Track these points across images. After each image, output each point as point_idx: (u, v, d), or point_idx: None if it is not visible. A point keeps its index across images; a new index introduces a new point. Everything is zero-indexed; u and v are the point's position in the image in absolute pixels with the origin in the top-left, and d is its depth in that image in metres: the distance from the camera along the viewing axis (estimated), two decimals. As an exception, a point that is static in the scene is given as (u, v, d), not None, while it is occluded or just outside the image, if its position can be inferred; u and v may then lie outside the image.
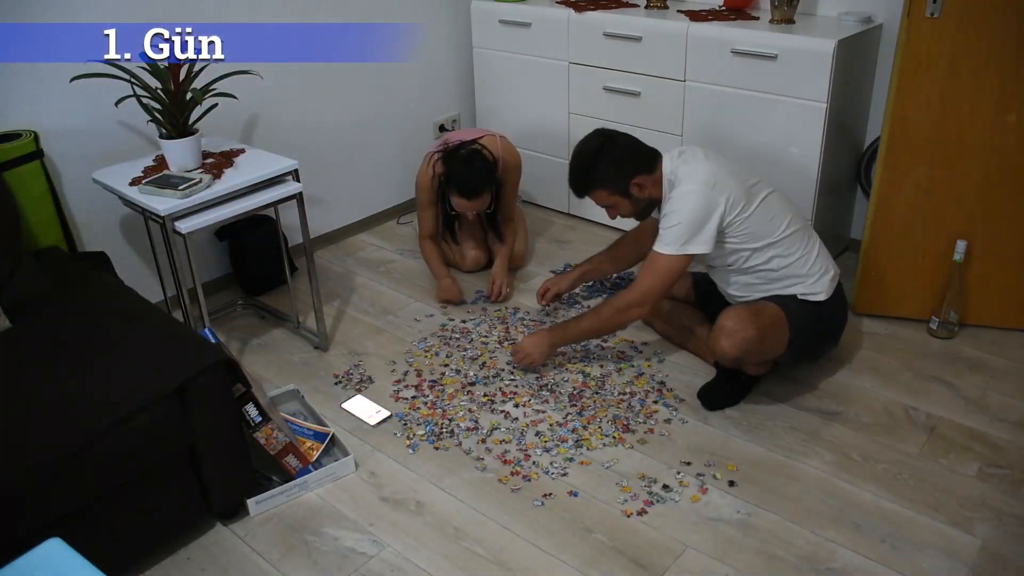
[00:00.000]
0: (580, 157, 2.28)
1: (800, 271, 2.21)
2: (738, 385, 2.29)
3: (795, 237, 2.20)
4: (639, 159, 2.24)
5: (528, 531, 1.89)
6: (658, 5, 3.06)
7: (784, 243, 2.19)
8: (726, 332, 2.12)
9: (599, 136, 2.29)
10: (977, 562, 1.76)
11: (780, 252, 2.19)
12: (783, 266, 2.20)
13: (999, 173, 2.35)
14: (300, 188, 2.37)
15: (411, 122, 3.50)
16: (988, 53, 2.22)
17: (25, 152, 2.24)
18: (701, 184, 2.11)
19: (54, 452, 1.57)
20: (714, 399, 2.28)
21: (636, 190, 2.23)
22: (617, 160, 2.23)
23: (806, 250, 2.22)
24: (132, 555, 1.81)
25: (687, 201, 2.11)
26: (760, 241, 2.17)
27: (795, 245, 2.20)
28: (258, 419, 1.91)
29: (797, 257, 2.20)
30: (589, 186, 2.28)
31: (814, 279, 2.21)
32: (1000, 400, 2.27)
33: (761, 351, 2.16)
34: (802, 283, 2.21)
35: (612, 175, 2.23)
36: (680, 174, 2.18)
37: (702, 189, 2.11)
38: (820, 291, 2.21)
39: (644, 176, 2.22)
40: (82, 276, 2.15)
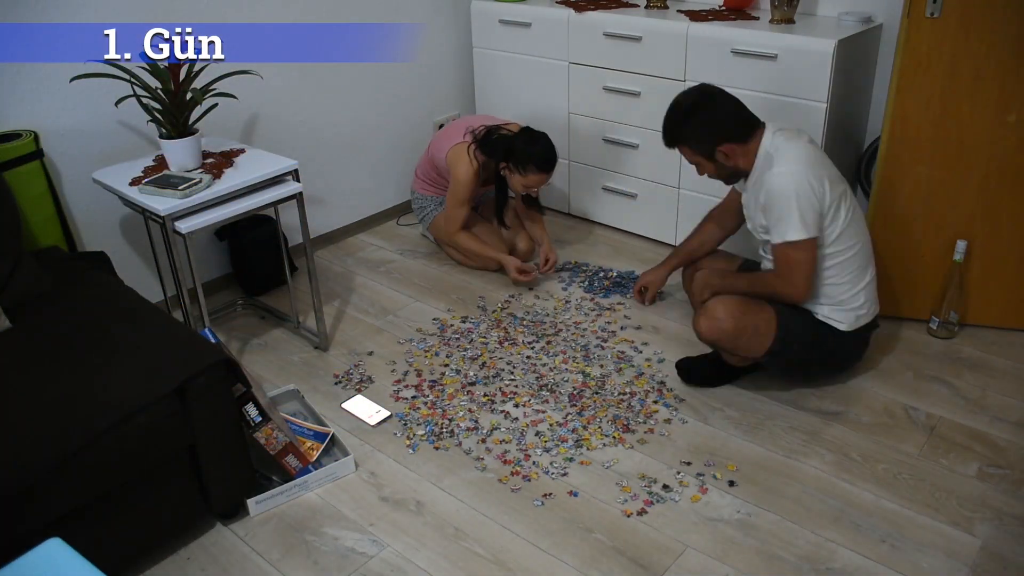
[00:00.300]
0: (675, 108, 2.20)
1: (840, 295, 2.17)
2: (720, 369, 2.32)
3: (856, 259, 2.16)
4: (734, 126, 2.14)
5: (528, 531, 1.89)
6: (658, 5, 3.06)
7: (846, 262, 2.14)
8: (707, 314, 2.15)
9: (700, 92, 2.20)
10: (977, 562, 1.76)
11: (835, 267, 2.14)
12: (827, 281, 2.15)
13: (999, 173, 2.35)
14: (300, 188, 2.37)
15: (411, 122, 3.50)
16: (988, 53, 2.22)
17: (25, 152, 2.24)
18: (806, 165, 2.04)
19: (54, 452, 1.57)
20: (691, 373, 2.35)
21: (722, 156, 2.15)
22: (710, 121, 2.14)
23: (858, 278, 2.17)
24: (132, 555, 1.81)
25: (791, 181, 2.03)
26: (828, 248, 2.12)
27: (851, 267, 2.15)
28: (258, 419, 1.91)
29: (846, 280, 2.16)
30: (676, 140, 2.21)
31: (846, 309, 2.17)
32: (1000, 400, 2.27)
33: (734, 347, 2.18)
34: (832, 306, 2.18)
35: (701, 135, 2.15)
36: (781, 151, 2.09)
37: (807, 170, 2.03)
38: (844, 322, 2.18)
39: (734, 145, 2.14)
40: (82, 276, 2.15)
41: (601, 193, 3.31)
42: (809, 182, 2.03)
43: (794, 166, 2.04)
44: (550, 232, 3.20)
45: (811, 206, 2.03)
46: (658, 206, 3.14)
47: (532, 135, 2.81)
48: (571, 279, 2.98)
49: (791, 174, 2.04)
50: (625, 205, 3.25)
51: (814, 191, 2.03)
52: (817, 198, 2.04)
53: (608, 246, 3.23)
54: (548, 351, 2.55)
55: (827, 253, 2.13)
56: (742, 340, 2.15)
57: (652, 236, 3.23)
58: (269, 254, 2.89)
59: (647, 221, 3.22)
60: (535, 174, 2.79)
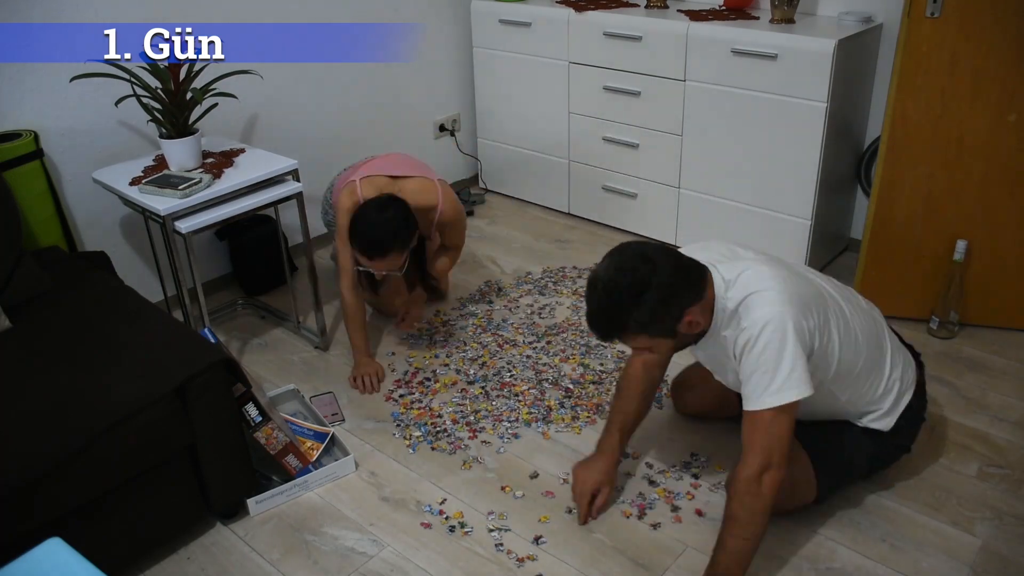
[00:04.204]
0: (612, 292, 1.59)
1: (869, 400, 1.82)
2: None
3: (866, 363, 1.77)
4: (688, 285, 1.62)
5: (528, 531, 1.89)
6: (658, 5, 3.06)
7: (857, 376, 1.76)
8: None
9: (638, 261, 1.60)
10: (977, 562, 1.76)
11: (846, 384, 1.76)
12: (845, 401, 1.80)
13: (999, 173, 2.35)
14: (300, 188, 2.37)
15: (411, 122, 3.50)
16: (988, 53, 2.22)
17: (25, 152, 2.24)
18: (779, 303, 1.58)
19: (54, 452, 1.57)
20: None
21: (686, 327, 1.63)
22: (665, 295, 1.58)
23: (876, 376, 1.80)
24: (132, 555, 1.81)
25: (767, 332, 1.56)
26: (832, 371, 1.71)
27: (865, 373, 1.77)
28: (258, 419, 1.91)
29: (867, 386, 1.80)
30: (623, 331, 1.64)
31: (882, 410, 1.83)
32: (1000, 400, 2.27)
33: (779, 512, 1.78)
34: (866, 413, 1.84)
35: (658, 316, 1.60)
36: (739, 287, 1.63)
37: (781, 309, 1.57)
38: (885, 424, 1.84)
39: (695, 306, 1.62)
40: (82, 276, 2.15)
41: (601, 193, 3.31)
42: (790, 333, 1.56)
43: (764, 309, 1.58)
44: (550, 233, 3.20)
45: (804, 353, 1.58)
46: (658, 206, 3.14)
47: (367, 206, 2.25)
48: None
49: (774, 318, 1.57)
50: (625, 205, 3.25)
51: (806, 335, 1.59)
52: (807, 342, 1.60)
53: (608, 246, 3.20)
54: (548, 351, 2.56)
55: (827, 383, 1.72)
56: (785, 504, 1.78)
57: (652, 236, 3.23)
58: (269, 254, 2.89)
59: (647, 221, 3.22)
60: (359, 254, 2.26)
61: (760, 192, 2.84)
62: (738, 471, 1.61)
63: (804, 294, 1.64)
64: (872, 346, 1.78)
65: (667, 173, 3.05)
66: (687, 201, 3.05)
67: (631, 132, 3.09)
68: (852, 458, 1.86)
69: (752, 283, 1.62)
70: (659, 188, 3.11)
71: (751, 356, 1.58)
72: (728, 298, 1.64)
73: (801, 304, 1.60)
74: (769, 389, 1.57)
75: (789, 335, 1.56)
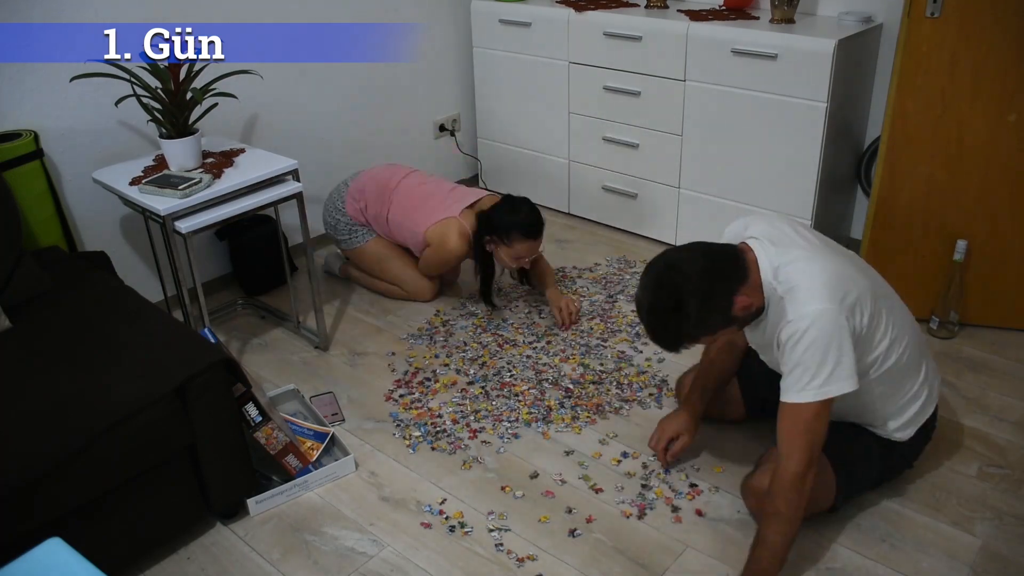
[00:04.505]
0: (654, 313, 1.64)
1: (896, 408, 1.79)
2: None
3: (910, 358, 1.74)
4: (725, 276, 1.62)
5: (528, 531, 1.89)
6: (658, 5, 3.06)
7: (898, 370, 1.72)
8: (757, 495, 1.79)
9: (666, 274, 1.62)
10: (977, 562, 1.76)
11: (886, 380, 1.72)
12: (877, 399, 1.76)
13: (999, 173, 2.35)
14: (300, 188, 2.37)
15: (411, 122, 3.50)
16: (988, 53, 2.22)
17: (25, 152, 2.24)
18: (827, 299, 1.56)
19: (54, 452, 1.57)
20: None
21: (741, 311, 1.63)
22: (704, 297, 1.59)
23: (912, 378, 1.77)
24: (132, 555, 1.81)
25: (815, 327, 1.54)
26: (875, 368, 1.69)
27: (905, 370, 1.74)
28: (258, 419, 1.91)
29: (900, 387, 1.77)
30: (683, 342, 1.69)
31: (908, 416, 1.80)
32: (1000, 400, 2.27)
33: None
34: (892, 417, 1.80)
35: (707, 317, 1.62)
36: (787, 276, 1.61)
37: (829, 306, 1.55)
38: (906, 434, 1.82)
39: (742, 290, 1.62)
40: (82, 276, 2.15)
41: (601, 193, 3.31)
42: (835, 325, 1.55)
43: (814, 305, 1.55)
44: (550, 233, 3.19)
45: (837, 358, 1.55)
46: (658, 206, 3.14)
47: (512, 203, 2.60)
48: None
49: (823, 315, 1.55)
50: (625, 205, 3.25)
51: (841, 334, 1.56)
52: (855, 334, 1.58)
53: (608, 246, 3.23)
54: (548, 351, 2.56)
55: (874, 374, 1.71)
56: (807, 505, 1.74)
57: (652, 236, 3.23)
58: (269, 254, 2.89)
59: (647, 221, 3.22)
60: (521, 242, 2.54)
61: (760, 192, 2.84)
62: (783, 468, 1.61)
63: (855, 288, 1.61)
64: (916, 346, 1.77)
65: (667, 173, 3.06)
66: (687, 201, 3.05)
67: (631, 132, 3.10)
68: (868, 468, 1.85)
69: (801, 277, 1.60)
70: (659, 188, 3.11)
71: (796, 351, 1.57)
72: (777, 283, 1.62)
73: (850, 301, 1.59)
74: (812, 384, 1.56)
75: (836, 331, 1.54)
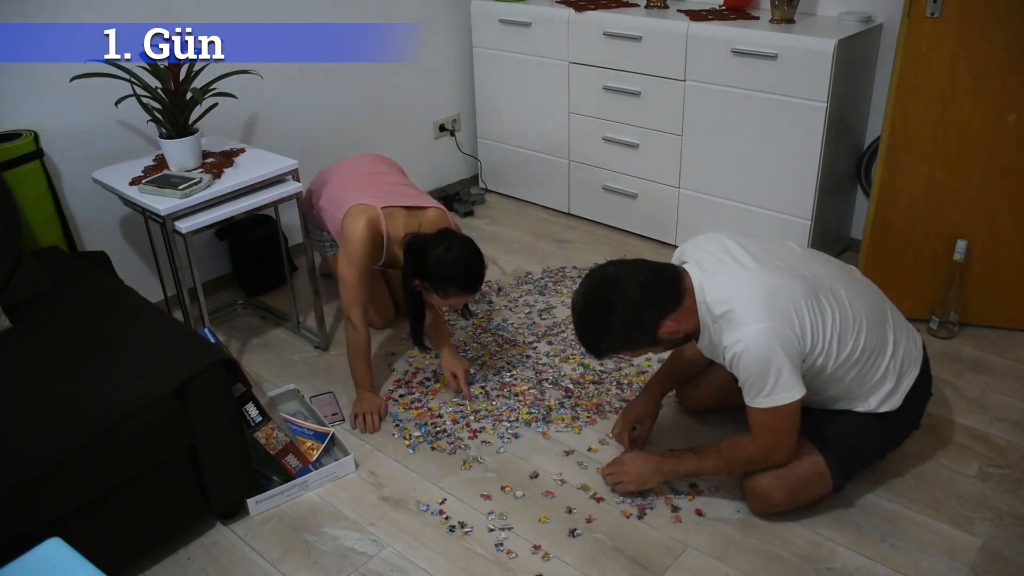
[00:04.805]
0: (583, 319, 1.73)
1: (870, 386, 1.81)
2: None
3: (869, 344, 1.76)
4: (657, 299, 1.68)
5: (528, 531, 1.89)
6: (658, 5, 3.06)
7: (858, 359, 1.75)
8: (755, 495, 1.85)
9: (599, 284, 1.70)
10: (977, 562, 1.76)
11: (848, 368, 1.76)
12: (851, 383, 1.79)
13: (999, 173, 2.35)
14: (300, 188, 2.37)
15: (411, 122, 3.50)
16: (988, 53, 2.22)
17: (25, 152, 2.24)
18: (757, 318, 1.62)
19: (54, 452, 1.57)
20: None
21: (668, 334, 1.71)
22: (631, 314, 1.66)
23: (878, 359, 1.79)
24: (132, 555, 1.81)
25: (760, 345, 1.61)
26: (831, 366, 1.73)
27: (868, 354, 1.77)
28: (258, 419, 1.91)
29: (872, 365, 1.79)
30: (603, 352, 1.78)
31: (887, 389, 1.81)
32: (1000, 400, 2.27)
33: (798, 507, 1.86)
34: (872, 393, 1.82)
35: (630, 334, 1.70)
36: (718, 300, 1.67)
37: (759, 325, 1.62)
38: (892, 404, 1.82)
39: (671, 315, 1.68)
40: (82, 276, 2.15)
41: (601, 193, 3.31)
42: (783, 333, 1.62)
43: (755, 324, 1.62)
44: (550, 233, 3.20)
45: (791, 360, 1.63)
46: (658, 206, 3.14)
47: (450, 245, 2.13)
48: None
49: (756, 335, 1.61)
50: (625, 205, 3.25)
51: (794, 340, 1.63)
52: (797, 346, 1.64)
53: (608, 246, 3.23)
54: (548, 351, 2.56)
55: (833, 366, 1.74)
56: (801, 499, 1.84)
57: (652, 236, 3.23)
58: (269, 254, 2.89)
59: (647, 221, 3.22)
60: (459, 296, 2.18)
61: (760, 192, 2.84)
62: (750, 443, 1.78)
63: (789, 299, 1.66)
64: (875, 325, 1.79)
65: (667, 173, 3.05)
66: (687, 201, 3.05)
67: (631, 132, 3.10)
68: (862, 443, 1.86)
69: (731, 296, 1.66)
70: (659, 188, 3.11)
71: (740, 369, 1.67)
72: (708, 303, 1.69)
73: (784, 314, 1.64)
74: (760, 395, 1.68)
75: (773, 350, 1.62)
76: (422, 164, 3.55)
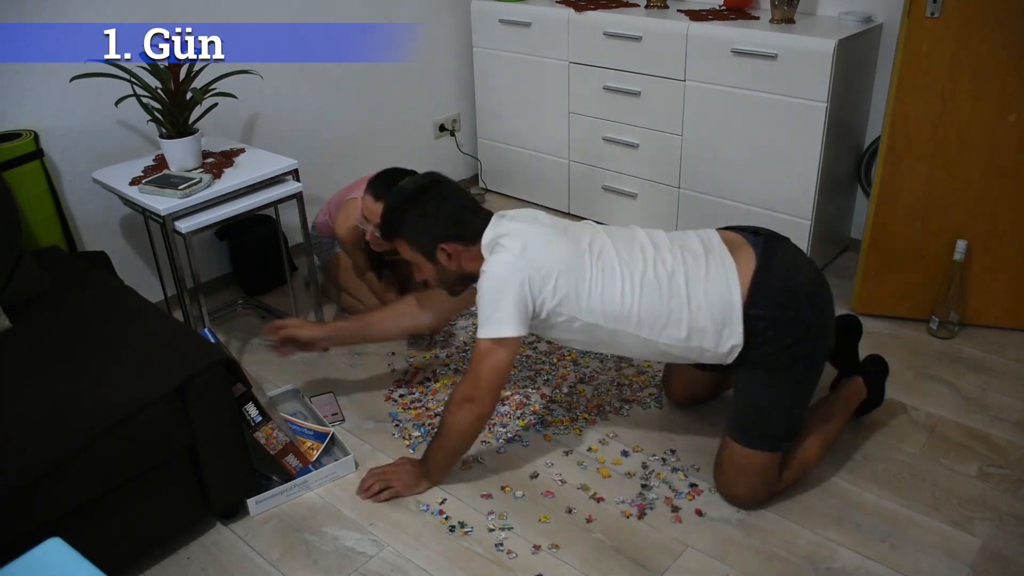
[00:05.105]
0: (397, 194, 1.91)
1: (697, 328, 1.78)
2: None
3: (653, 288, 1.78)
4: (453, 222, 1.85)
5: (528, 531, 1.89)
6: (658, 5, 3.06)
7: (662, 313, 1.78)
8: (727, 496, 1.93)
9: (427, 179, 1.91)
10: (977, 562, 1.76)
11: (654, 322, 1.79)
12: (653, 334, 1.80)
13: (999, 173, 2.35)
14: (300, 188, 2.37)
15: (411, 122, 3.50)
16: (988, 53, 2.22)
17: (25, 152, 2.25)
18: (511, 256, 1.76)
19: (54, 452, 1.57)
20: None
21: (443, 257, 1.86)
22: (429, 213, 1.85)
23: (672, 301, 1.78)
24: (132, 555, 1.81)
25: (488, 272, 1.77)
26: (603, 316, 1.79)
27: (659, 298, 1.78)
28: (258, 419, 1.91)
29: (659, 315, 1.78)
30: (394, 231, 1.90)
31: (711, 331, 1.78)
32: (1000, 400, 2.27)
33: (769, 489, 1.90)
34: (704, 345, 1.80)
35: (419, 229, 1.86)
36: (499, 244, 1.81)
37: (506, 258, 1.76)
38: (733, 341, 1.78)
39: (456, 244, 1.85)
40: (82, 276, 2.15)
41: (601, 193, 3.31)
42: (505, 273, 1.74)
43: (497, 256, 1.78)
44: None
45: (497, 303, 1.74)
46: (658, 206, 3.14)
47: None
48: None
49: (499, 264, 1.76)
50: (625, 205, 3.25)
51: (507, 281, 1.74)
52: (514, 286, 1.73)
53: (608, 246, 3.23)
54: (548, 351, 2.56)
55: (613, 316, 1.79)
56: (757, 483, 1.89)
57: (652, 236, 3.23)
58: (269, 254, 2.89)
59: (647, 221, 3.22)
60: None
61: (760, 192, 2.84)
62: (455, 388, 1.87)
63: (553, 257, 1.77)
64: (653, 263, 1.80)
65: (667, 173, 3.06)
66: (687, 201, 3.05)
67: (631, 132, 3.10)
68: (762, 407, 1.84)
69: (503, 240, 1.80)
70: (659, 188, 3.11)
71: (480, 293, 1.79)
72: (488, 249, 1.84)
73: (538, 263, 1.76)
74: (484, 322, 1.77)
75: (507, 281, 1.74)
76: (422, 164, 3.54)
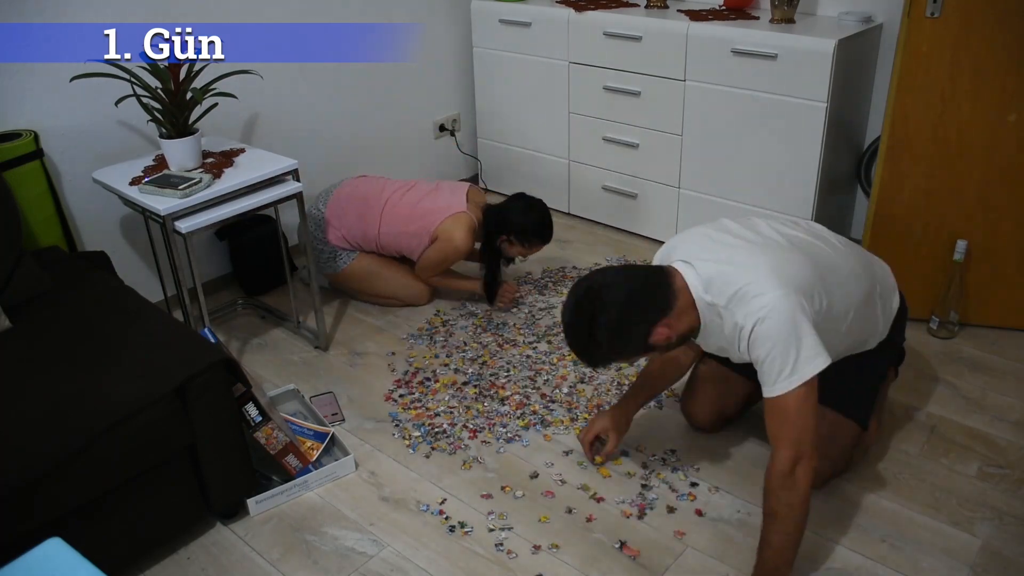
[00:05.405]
0: (571, 334, 1.69)
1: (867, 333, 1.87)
2: None
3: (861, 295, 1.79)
4: (645, 306, 1.62)
5: (528, 530, 1.89)
6: (658, 5, 3.06)
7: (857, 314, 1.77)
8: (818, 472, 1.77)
9: (584, 298, 1.64)
10: (977, 562, 1.76)
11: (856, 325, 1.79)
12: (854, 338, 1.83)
13: (999, 173, 2.35)
14: (300, 188, 2.37)
15: (411, 122, 3.50)
16: (988, 53, 2.22)
17: (25, 152, 2.24)
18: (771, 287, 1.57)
19: (54, 452, 1.57)
20: None
21: (662, 339, 1.64)
22: (616, 327, 1.61)
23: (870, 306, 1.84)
24: (132, 555, 1.81)
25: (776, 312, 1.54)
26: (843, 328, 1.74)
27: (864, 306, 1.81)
28: (258, 419, 1.91)
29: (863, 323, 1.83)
30: (597, 363, 1.76)
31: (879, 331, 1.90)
32: (1000, 400, 2.27)
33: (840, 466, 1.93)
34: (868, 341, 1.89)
35: (617, 345, 1.64)
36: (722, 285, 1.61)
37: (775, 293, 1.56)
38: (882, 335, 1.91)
39: (662, 321, 1.63)
40: (82, 276, 2.15)
41: (601, 193, 3.31)
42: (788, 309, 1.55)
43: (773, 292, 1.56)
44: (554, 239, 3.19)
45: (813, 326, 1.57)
46: (658, 206, 3.14)
47: (528, 203, 2.70)
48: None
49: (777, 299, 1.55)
50: (625, 205, 3.25)
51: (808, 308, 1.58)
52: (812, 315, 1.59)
53: (608, 246, 3.23)
54: (549, 351, 2.56)
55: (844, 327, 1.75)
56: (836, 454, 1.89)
57: (652, 236, 3.23)
58: (269, 254, 2.89)
59: (647, 221, 3.22)
60: (539, 245, 2.71)
61: (760, 192, 2.84)
62: (770, 467, 1.58)
63: (797, 273, 1.62)
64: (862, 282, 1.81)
65: (667, 173, 3.06)
66: (687, 201, 3.05)
67: (631, 132, 3.10)
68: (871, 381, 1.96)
69: (736, 278, 1.61)
70: (659, 188, 3.11)
71: (759, 348, 1.56)
72: (711, 295, 1.63)
73: (796, 283, 1.59)
74: (785, 371, 1.54)
75: (794, 316, 1.54)
76: (422, 164, 3.55)
